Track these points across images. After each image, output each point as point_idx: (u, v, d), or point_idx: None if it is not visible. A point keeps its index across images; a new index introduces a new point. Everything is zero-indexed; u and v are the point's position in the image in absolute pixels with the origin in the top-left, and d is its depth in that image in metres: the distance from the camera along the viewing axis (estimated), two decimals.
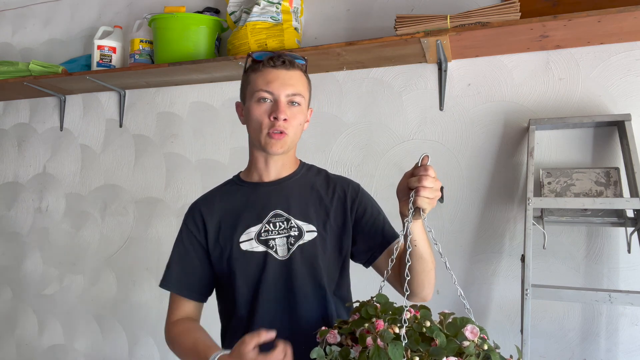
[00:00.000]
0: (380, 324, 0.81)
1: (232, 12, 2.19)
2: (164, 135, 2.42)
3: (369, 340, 0.78)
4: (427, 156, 0.93)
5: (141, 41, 2.32)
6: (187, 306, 1.20)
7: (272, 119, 1.10)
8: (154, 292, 2.33)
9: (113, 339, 2.39)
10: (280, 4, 2.04)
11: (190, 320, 1.18)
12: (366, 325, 0.83)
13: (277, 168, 1.19)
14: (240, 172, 1.27)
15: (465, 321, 0.82)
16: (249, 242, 1.13)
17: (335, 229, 1.17)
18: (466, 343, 0.77)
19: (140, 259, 2.37)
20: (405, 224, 0.94)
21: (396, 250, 0.96)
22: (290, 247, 1.13)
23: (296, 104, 1.13)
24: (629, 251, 1.63)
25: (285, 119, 1.10)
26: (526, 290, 1.55)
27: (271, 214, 1.15)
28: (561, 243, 1.76)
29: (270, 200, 1.17)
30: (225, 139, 2.29)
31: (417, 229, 0.98)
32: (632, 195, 1.59)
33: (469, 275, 1.85)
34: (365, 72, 2.09)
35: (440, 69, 1.97)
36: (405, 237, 0.98)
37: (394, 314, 0.85)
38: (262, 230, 1.14)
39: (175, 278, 1.19)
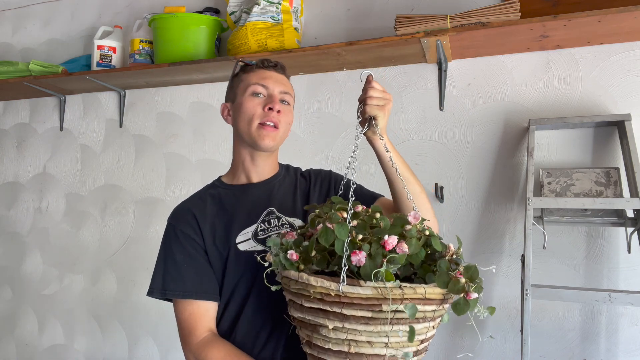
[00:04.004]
0: None
1: (232, 12, 2.19)
2: (164, 135, 2.42)
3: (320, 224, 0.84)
4: (371, 74, 0.99)
5: (141, 41, 2.32)
6: (210, 312, 1.10)
7: (266, 109, 1.13)
8: None
9: (113, 339, 2.39)
10: (280, 4, 2.04)
11: (223, 342, 1.07)
12: (317, 210, 0.89)
13: (263, 167, 1.20)
14: (221, 176, 1.26)
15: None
16: (246, 242, 1.12)
17: None
18: (408, 227, 0.82)
19: (140, 259, 2.37)
20: (358, 135, 0.97)
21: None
22: None
23: (286, 103, 1.18)
24: (629, 251, 1.63)
25: (279, 111, 1.14)
26: (526, 290, 1.55)
27: (265, 212, 1.16)
28: (561, 243, 1.76)
29: (261, 199, 1.17)
30: (225, 139, 2.29)
31: (382, 143, 1.02)
32: (632, 195, 1.59)
33: None
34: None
35: (440, 69, 1.97)
36: (380, 155, 1.05)
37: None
38: (259, 230, 1.14)
39: (192, 284, 1.09)
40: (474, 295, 0.76)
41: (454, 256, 0.83)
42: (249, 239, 1.13)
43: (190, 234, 1.13)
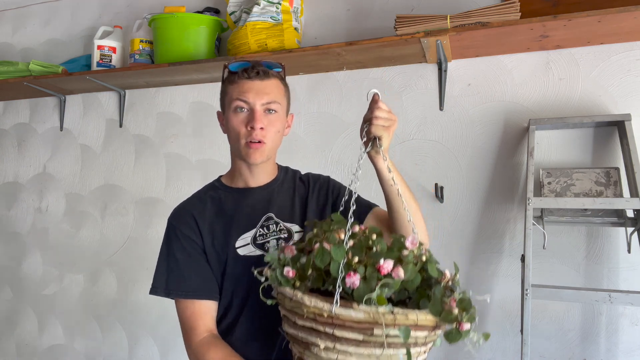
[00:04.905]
0: None
1: (232, 12, 2.19)
2: (164, 135, 2.41)
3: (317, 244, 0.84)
4: (377, 93, 0.99)
5: (141, 41, 2.32)
6: (211, 311, 1.13)
7: (249, 128, 1.12)
8: None
9: (113, 339, 2.39)
10: (280, 4, 2.04)
11: (222, 344, 1.10)
12: (315, 230, 0.89)
13: (260, 175, 1.21)
14: (221, 176, 1.27)
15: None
16: (245, 247, 1.14)
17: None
18: (405, 252, 0.82)
19: (140, 259, 2.37)
20: (362, 154, 0.97)
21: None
22: None
23: (273, 112, 1.14)
24: (629, 251, 1.63)
25: (262, 128, 1.12)
26: (526, 290, 1.55)
27: (264, 217, 1.17)
28: (561, 243, 1.75)
29: (260, 204, 1.18)
30: (225, 139, 2.26)
31: (385, 164, 1.01)
32: (632, 195, 1.59)
33: (469, 275, 1.85)
34: (365, 72, 2.09)
35: (440, 69, 1.97)
36: (381, 176, 1.04)
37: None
38: (258, 235, 1.15)
39: (192, 284, 1.12)
40: (467, 326, 0.77)
41: (450, 283, 0.83)
42: (248, 243, 1.14)
43: (191, 235, 1.15)
